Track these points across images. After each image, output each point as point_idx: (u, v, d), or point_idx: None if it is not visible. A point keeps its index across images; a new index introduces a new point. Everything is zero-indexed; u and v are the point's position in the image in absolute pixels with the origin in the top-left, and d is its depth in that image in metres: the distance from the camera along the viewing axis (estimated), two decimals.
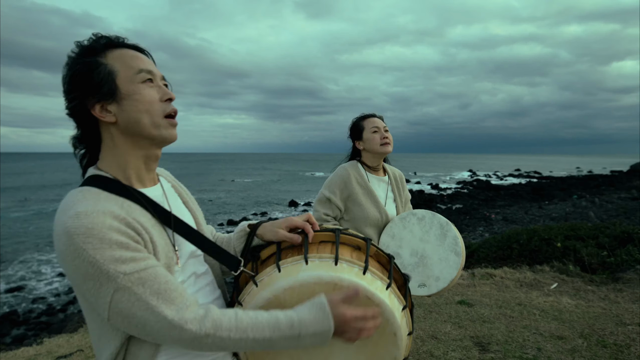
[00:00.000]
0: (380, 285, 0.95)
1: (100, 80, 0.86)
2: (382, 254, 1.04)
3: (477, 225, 17.63)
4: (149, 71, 0.91)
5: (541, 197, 25.97)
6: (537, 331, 3.47)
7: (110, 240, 0.77)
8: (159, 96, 0.91)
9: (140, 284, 0.78)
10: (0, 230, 20.47)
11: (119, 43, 0.92)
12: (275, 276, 0.93)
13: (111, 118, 0.88)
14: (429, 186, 38.52)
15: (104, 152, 0.92)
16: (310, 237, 0.99)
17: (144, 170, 0.95)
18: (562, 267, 5.30)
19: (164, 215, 0.93)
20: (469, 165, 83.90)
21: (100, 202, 0.81)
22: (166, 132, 0.92)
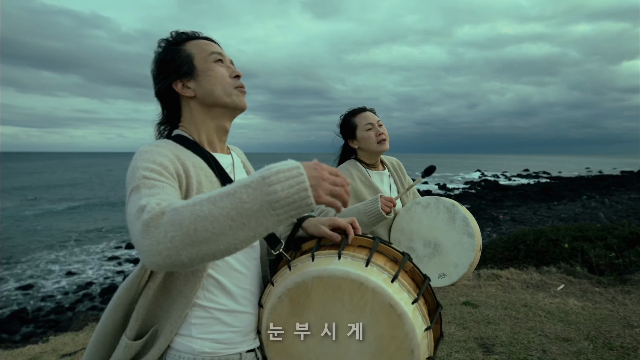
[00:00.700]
0: (407, 298, 0.94)
1: (181, 62, 1.05)
2: (419, 272, 1.03)
3: (485, 226, 17.51)
4: (219, 53, 1.09)
5: (550, 198, 25.73)
6: (543, 333, 3.43)
7: (156, 158, 0.90)
8: (228, 73, 1.08)
9: (148, 187, 0.83)
10: (11, 228, 20.75)
11: (194, 36, 1.10)
12: (307, 264, 0.98)
13: (190, 93, 1.05)
14: (437, 186, 38.34)
15: (184, 122, 1.09)
16: (350, 238, 1.02)
17: (216, 139, 1.10)
18: (569, 269, 5.24)
19: (226, 179, 1.04)
20: (476, 166, 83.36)
21: (175, 148, 0.97)
22: (237, 99, 1.08)
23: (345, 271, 0.92)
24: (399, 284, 0.95)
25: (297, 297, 0.97)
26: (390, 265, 0.99)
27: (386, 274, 0.95)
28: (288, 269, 1.01)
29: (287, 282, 0.97)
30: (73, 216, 25.21)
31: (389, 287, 0.92)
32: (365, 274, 0.92)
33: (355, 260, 0.96)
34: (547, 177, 48.55)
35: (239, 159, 1.18)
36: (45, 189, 41.17)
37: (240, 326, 1.03)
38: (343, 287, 0.92)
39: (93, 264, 14.53)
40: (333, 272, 0.93)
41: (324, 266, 0.95)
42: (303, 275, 0.95)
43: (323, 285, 0.94)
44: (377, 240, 1.02)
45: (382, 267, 0.96)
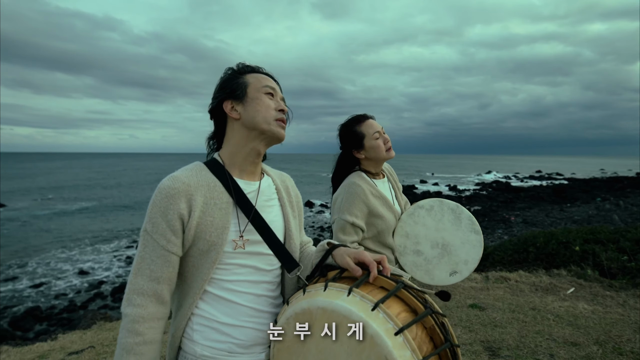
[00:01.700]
0: (409, 357, 0.84)
1: (236, 87, 1.17)
2: (440, 333, 0.92)
3: (496, 228, 17.33)
4: (272, 88, 1.19)
5: (563, 200, 25.36)
6: (551, 337, 3.38)
7: (163, 206, 1.05)
8: (274, 106, 1.17)
9: (144, 244, 1.06)
10: (24, 228, 21.14)
11: (256, 70, 1.23)
12: (319, 292, 0.96)
13: (236, 115, 1.16)
14: (447, 187, 38.05)
15: (224, 143, 1.20)
16: (371, 276, 0.98)
17: (247, 163, 1.18)
18: (580, 272, 5.16)
19: (246, 205, 1.13)
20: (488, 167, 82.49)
21: (194, 175, 1.09)
22: (275, 129, 1.16)
23: (349, 310, 0.88)
24: (404, 339, 0.85)
25: (303, 324, 0.96)
26: (404, 317, 0.91)
27: (392, 324, 0.87)
28: (302, 292, 1.01)
29: (297, 306, 0.97)
30: (86, 216, 25.58)
31: (389, 339, 0.84)
32: (368, 318, 0.86)
33: (363, 301, 0.90)
34: (560, 178, 47.85)
35: (272, 185, 1.26)
36: (59, 189, 41.86)
37: (242, 339, 1.09)
38: (343, 326, 0.88)
39: (105, 263, 14.74)
40: (337, 307, 0.90)
41: (331, 299, 0.92)
42: (310, 303, 0.95)
43: (327, 317, 0.91)
44: (400, 286, 0.95)
45: (390, 316, 0.88)
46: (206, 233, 1.06)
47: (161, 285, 1.04)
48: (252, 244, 1.12)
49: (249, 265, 1.12)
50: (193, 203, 1.05)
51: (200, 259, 1.07)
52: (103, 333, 4.18)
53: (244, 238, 1.11)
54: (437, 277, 1.88)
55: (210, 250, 1.06)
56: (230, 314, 1.09)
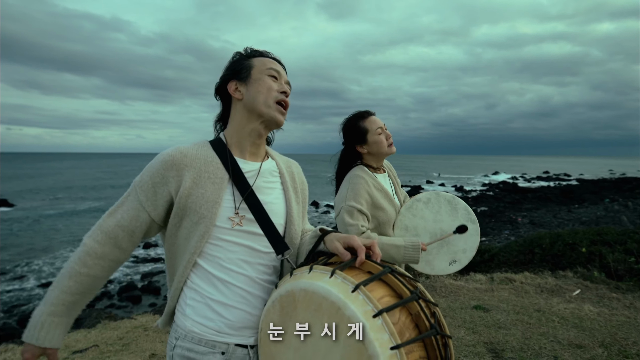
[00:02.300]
0: (386, 340, 0.81)
1: (242, 68, 1.20)
2: (425, 319, 0.88)
3: (503, 229, 17.22)
4: (277, 71, 1.21)
5: (571, 201, 25.14)
6: (555, 339, 3.34)
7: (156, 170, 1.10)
8: (277, 88, 1.19)
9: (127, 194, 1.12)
10: (33, 227, 21.37)
11: (265, 54, 1.24)
12: (303, 275, 0.96)
13: (239, 95, 1.19)
14: (453, 188, 37.86)
15: (229, 122, 1.23)
16: (358, 260, 0.97)
17: (248, 143, 1.20)
18: (586, 273, 5.11)
19: (242, 184, 1.14)
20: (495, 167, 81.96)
21: (195, 149, 1.13)
22: (273, 113, 1.17)
23: (328, 290, 0.87)
24: (382, 322, 0.82)
25: (286, 306, 0.95)
26: (387, 300, 0.88)
27: (371, 306, 0.83)
28: (289, 275, 1.01)
29: (282, 288, 0.97)
30: (94, 216, 25.79)
31: (367, 321, 0.81)
32: (347, 299, 0.84)
33: (344, 283, 0.89)
34: (568, 179, 47.43)
35: (275, 168, 1.26)
36: (68, 189, 42.26)
37: (232, 319, 1.10)
38: (323, 308, 0.87)
39: None
40: (317, 288, 0.89)
41: (313, 280, 0.91)
42: (294, 285, 0.94)
43: (307, 299, 0.90)
44: (386, 270, 0.93)
45: (370, 299, 0.85)
46: (197, 205, 1.08)
47: (124, 233, 1.09)
48: (247, 223, 1.13)
49: (244, 245, 1.12)
50: (184, 174, 1.09)
51: (191, 231, 1.09)
52: (107, 332, 4.20)
53: (240, 215, 1.12)
54: (437, 266, 1.93)
55: (200, 223, 1.07)
56: (224, 292, 1.10)
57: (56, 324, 1.07)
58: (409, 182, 43.80)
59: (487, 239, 15.21)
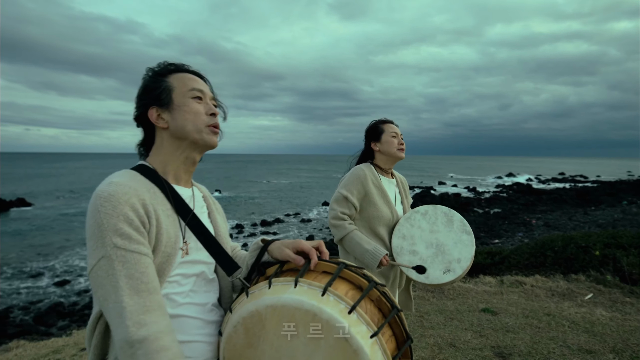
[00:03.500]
0: (365, 331, 0.87)
1: (160, 93, 1.07)
2: (386, 302, 0.96)
3: (516, 231, 16.99)
4: (199, 90, 1.10)
5: (587, 203, 24.66)
6: (565, 344, 3.29)
7: (121, 212, 0.89)
8: (204, 110, 1.09)
9: (122, 262, 0.87)
10: (50, 226, 21.83)
11: (181, 69, 1.13)
12: (263, 291, 0.93)
13: (164, 124, 1.08)
14: (466, 189, 37.46)
15: (153, 151, 1.11)
16: (312, 263, 0.98)
17: (182, 171, 1.12)
18: (600, 277, 5.01)
19: (184, 210, 1.06)
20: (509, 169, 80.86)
21: (132, 181, 0.97)
22: (207, 137, 1.09)
23: (299, 300, 0.88)
24: (358, 315, 0.88)
25: (252, 327, 0.92)
26: (353, 294, 0.93)
27: (344, 304, 0.89)
28: (246, 296, 0.96)
29: (242, 310, 0.93)
30: None
31: (344, 319, 0.86)
32: (320, 304, 0.87)
33: (311, 289, 0.90)
34: (585, 181, 46.53)
35: (199, 194, 1.19)
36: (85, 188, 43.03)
37: (192, 355, 1.00)
38: (296, 318, 0.87)
39: None
40: (287, 301, 0.88)
41: (278, 295, 0.90)
42: (257, 304, 0.91)
43: (277, 314, 0.89)
44: (341, 266, 0.97)
45: (340, 297, 0.90)
46: (162, 244, 0.95)
47: (160, 295, 0.91)
48: (193, 250, 1.05)
49: (193, 274, 1.04)
50: (148, 208, 0.94)
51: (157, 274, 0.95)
52: None
53: (187, 243, 1.04)
54: (432, 275, 1.97)
55: (164, 263, 0.96)
56: (181, 329, 0.98)
57: None
58: (420, 183, 43.50)
59: (500, 241, 15.01)
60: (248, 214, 25.44)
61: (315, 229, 20.66)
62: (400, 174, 2.39)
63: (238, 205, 29.85)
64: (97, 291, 0.87)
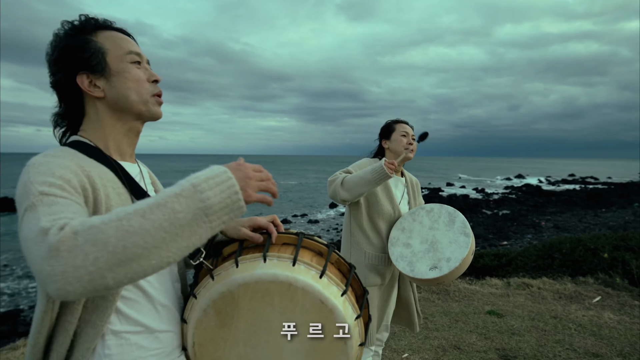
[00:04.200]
0: (336, 291, 0.94)
1: (90, 55, 0.91)
2: (344, 262, 1.04)
3: (525, 233, 16.82)
4: (137, 53, 0.97)
5: (597, 204, 24.32)
6: (571, 347, 3.26)
7: (54, 173, 0.75)
8: (145, 77, 0.97)
9: (47, 204, 0.70)
10: None
11: (108, 25, 0.96)
12: (232, 271, 0.93)
13: (99, 93, 0.93)
14: (474, 191, 37.18)
15: (86, 124, 0.96)
16: (273, 237, 0.99)
17: (125, 144, 0.99)
18: (608, 280, 4.94)
19: (137, 190, 0.95)
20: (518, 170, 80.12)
21: (75, 157, 0.83)
22: (153, 109, 0.98)
23: (273, 274, 0.90)
24: (327, 278, 0.95)
25: (224, 308, 0.92)
26: (317, 260, 0.98)
27: (314, 270, 0.94)
28: (211, 278, 0.95)
29: (212, 293, 0.92)
30: None
31: (318, 283, 0.92)
32: (294, 274, 0.91)
33: (281, 261, 0.93)
34: (595, 182, 45.94)
35: (145, 169, 1.09)
36: None
37: (161, 347, 0.94)
38: (272, 290, 0.91)
39: None
40: (260, 276, 0.90)
41: (250, 272, 0.91)
42: (228, 284, 0.91)
43: (251, 291, 0.91)
44: (301, 236, 1.01)
45: (309, 264, 0.95)
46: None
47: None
48: None
49: None
50: (94, 180, 0.81)
51: None
52: None
53: None
54: (417, 269, 1.95)
55: None
56: (154, 319, 0.92)
57: None
58: (428, 184, 43.29)
59: (509, 242, 14.88)
60: (255, 214, 25.49)
61: (323, 230, 20.65)
62: (413, 176, 2.39)
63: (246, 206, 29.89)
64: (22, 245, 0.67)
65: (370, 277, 2.08)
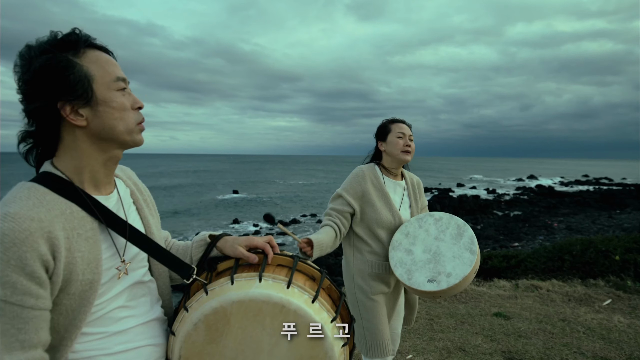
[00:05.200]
0: (326, 317, 0.96)
1: (77, 82, 0.84)
2: (335, 289, 1.05)
3: (537, 234, 16.60)
4: (123, 79, 0.92)
5: (611, 206, 23.91)
6: (579, 350, 3.20)
7: (13, 257, 0.73)
8: (130, 104, 0.92)
9: (10, 318, 0.73)
10: None
11: (92, 44, 0.89)
12: (226, 288, 0.94)
13: (82, 122, 0.86)
14: (485, 191, 36.80)
15: (62, 151, 0.90)
16: (269, 258, 1.00)
17: (102, 174, 0.93)
18: (619, 282, 4.85)
19: (115, 222, 0.92)
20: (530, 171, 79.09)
21: (38, 206, 0.79)
22: (137, 138, 0.95)
23: (268, 294, 0.91)
24: (319, 303, 0.96)
25: (215, 324, 0.92)
26: (310, 284, 1.00)
27: (307, 294, 0.95)
28: (205, 293, 0.95)
29: (204, 307, 0.92)
30: None
31: (310, 308, 0.93)
32: (287, 296, 0.92)
33: (276, 283, 0.95)
34: (610, 183, 45.14)
35: (126, 190, 1.04)
36: None
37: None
38: (264, 311, 0.91)
39: None
40: (255, 296, 0.91)
41: (245, 290, 0.92)
42: (222, 301, 0.91)
43: (244, 309, 0.91)
44: (297, 260, 1.02)
45: (303, 288, 0.96)
46: (78, 273, 0.81)
47: (40, 349, 0.78)
48: (134, 265, 0.96)
49: (125, 288, 0.93)
50: (55, 242, 0.78)
51: (75, 303, 0.83)
52: None
53: (126, 262, 0.93)
54: (415, 279, 1.88)
55: (87, 290, 0.83)
56: (126, 340, 0.92)
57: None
58: (438, 185, 42.98)
59: (520, 244, 14.70)
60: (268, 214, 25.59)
61: None
62: (414, 174, 2.30)
63: (255, 206, 30.08)
64: None
65: (375, 285, 2.01)
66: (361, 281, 2.03)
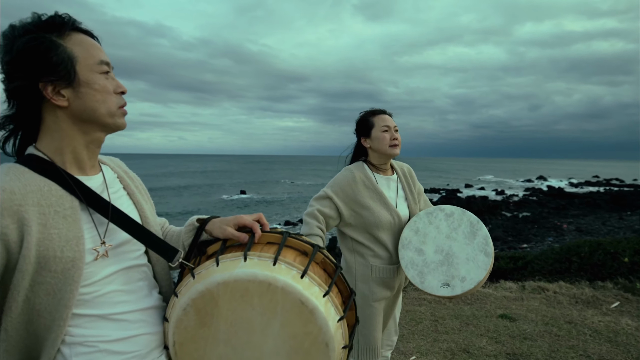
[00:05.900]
0: (317, 292, 0.93)
1: (60, 62, 0.85)
2: (330, 262, 1.02)
3: (546, 236, 16.46)
4: (107, 63, 0.93)
5: (622, 207, 23.61)
6: (585, 353, 3.17)
7: None
8: (112, 88, 0.93)
9: None
10: None
11: (76, 27, 0.91)
12: (212, 270, 0.92)
13: (63, 102, 0.87)
14: (494, 192, 36.52)
15: (44, 132, 0.91)
16: (257, 236, 0.98)
17: (85, 155, 0.94)
18: (628, 285, 4.78)
19: (97, 202, 0.92)
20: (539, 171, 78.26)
21: (13, 181, 0.81)
22: (120, 121, 0.96)
23: (252, 273, 0.89)
24: (309, 278, 0.93)
25: (204, 307, 0.92)
26: (300, 260, 0.97)
27: (295, 270, 0.93)
28: (192, 277, 0.94)
29: (191, 292, 0.92)
30: None
31: (298, 283, 0.90)
32: (273, 273, 0.89)
33: (262, 260, 0.92)
34: (620, 184, 44.53)
35: (113, 174, 1.05)
36: None
37: (136, 350, 0.94)
38: (251, 290, 0.89)
39: None
40: (239, 275, 0.89)
41: (229, 271, 0.90)
42: (207, 283, 0.90)
43: (230, 290, 0.90)
44: (286, 235, 0.99)
45: (291, 264, 0.93)
46: (55, 250, 0.82)
47: None
48: (117, 247, 0.95)
49: (118, 271, 0.94)
50: (25, 216, 0.80)
51: (60, 282, 0.83)
52: None
53: (107, 244, 0.92)
54: (428, 282, 1.81)
55: (70, 269, 0.83)
56: (120, 327, 0.92)
57: None
58: (446, 185, 42.73)
59: (529, 245, 14.57)
60: (272, 215, 25.72)
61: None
62: (403, 162, 2.15)
63: (262, 206, 30.19)
64: None
65: (378, 292, 1.90)
66: (364, 287, 1.91)
